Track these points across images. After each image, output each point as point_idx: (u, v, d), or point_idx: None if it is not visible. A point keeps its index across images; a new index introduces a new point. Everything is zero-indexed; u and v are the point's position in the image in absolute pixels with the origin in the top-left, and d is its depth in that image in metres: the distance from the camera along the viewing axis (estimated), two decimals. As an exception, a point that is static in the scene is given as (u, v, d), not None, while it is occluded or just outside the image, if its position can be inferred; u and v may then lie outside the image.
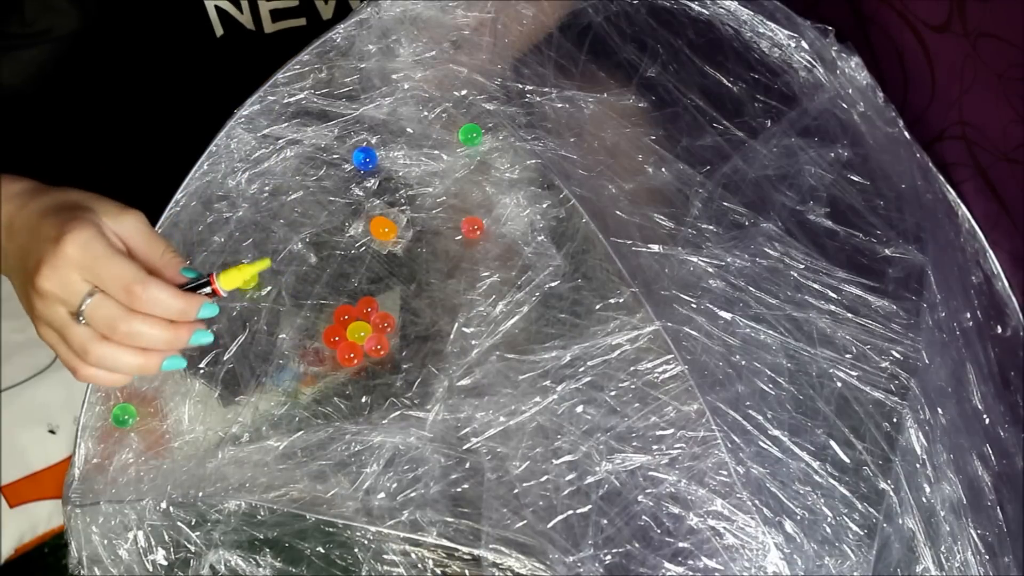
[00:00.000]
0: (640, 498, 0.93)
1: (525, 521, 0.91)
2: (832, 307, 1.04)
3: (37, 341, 1.58)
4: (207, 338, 0.93)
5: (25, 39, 1.16)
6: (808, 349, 1.01)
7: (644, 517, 0.92)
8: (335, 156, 1.07)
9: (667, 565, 0.91)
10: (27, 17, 1.14)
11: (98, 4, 1.17)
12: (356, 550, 0.92)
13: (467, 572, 0.91)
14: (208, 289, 0.92)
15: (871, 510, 0.97)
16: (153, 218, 1.01)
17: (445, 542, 0.91)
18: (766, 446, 0.96)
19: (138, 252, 0.92)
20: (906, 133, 1.22)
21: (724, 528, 0.92)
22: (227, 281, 0.92)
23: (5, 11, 1.13)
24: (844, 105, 1.20)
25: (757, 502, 0.93)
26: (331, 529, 0.92)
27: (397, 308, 1.03)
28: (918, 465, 1.01)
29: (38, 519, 1.56)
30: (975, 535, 1.03)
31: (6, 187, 0.96)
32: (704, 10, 1.21)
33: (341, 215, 1.05)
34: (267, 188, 1.05)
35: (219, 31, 1.26)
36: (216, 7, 1.25)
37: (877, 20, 1.32)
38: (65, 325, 0.91)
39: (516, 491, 0.92)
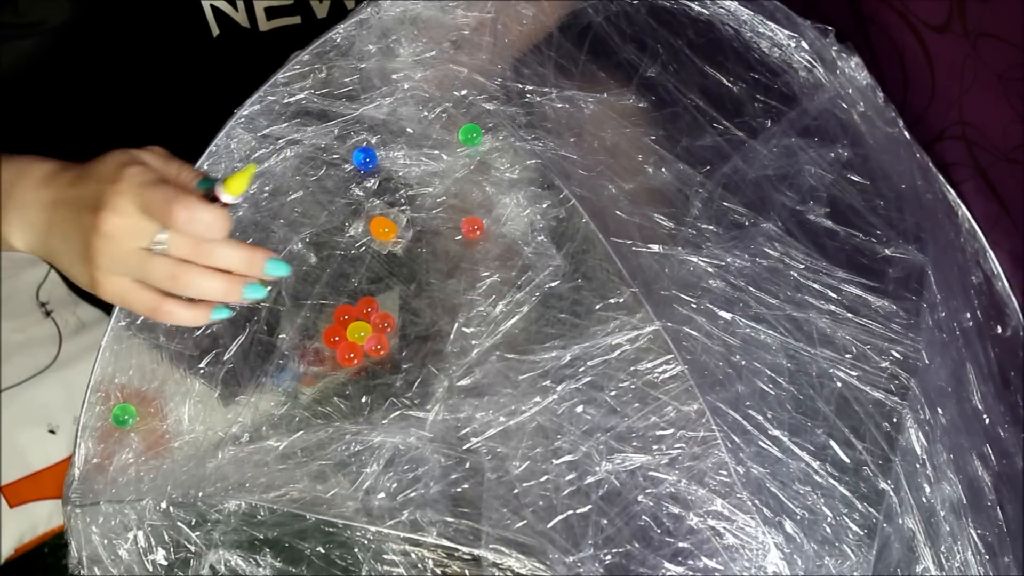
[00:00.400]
0: (640, 498, 0.93)
1: (525, 521, 0.91)
2: (832, 307, 1.04)
3: (37, 341, 1.59)
4: (285, 269, 0.95)
5: (18, 29, 1.16)
6: (808, 349, 1.01)
7: (644, 517, 0.92)
8: (335, 156, 1.07)
9: (667, 565, 0.91)
10: (20, 7, 1.14)
11: (92, 2, 1.17)
12: (356, 550, 0.92)
13: (467, 572, 0.91)
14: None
15: (871, 510, 0.97)
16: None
17: (445, 542, 0.91)
18: (766, 446, 0.96)
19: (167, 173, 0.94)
20: (906, 133, 1.22)
21: (724, 528, 0.92)
22: (230, 188, 0.92)
23: None
24: (844, 105, 1.20)
25: (757, 502, 0.93)
26: (331, 529, 0.92)
27: (397, 308, 1.03)
28: (918, 465, 1.01)
29: (38, 519, 1.56)
30: (975, 535, 1.03)
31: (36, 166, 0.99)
32: (704, 10, 1.21)
33: (341, 215, 1.05)
34: (267, 188, 1.05)
35: (215, 30, 1.26)
36: (212, 6, 1.25)
37: (877, 20, 1.32)
38: (144, 259, 0.91)
39: (516, 491, 0.92)
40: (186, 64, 1.25)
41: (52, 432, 1.56)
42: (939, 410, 1.04)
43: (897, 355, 1.04)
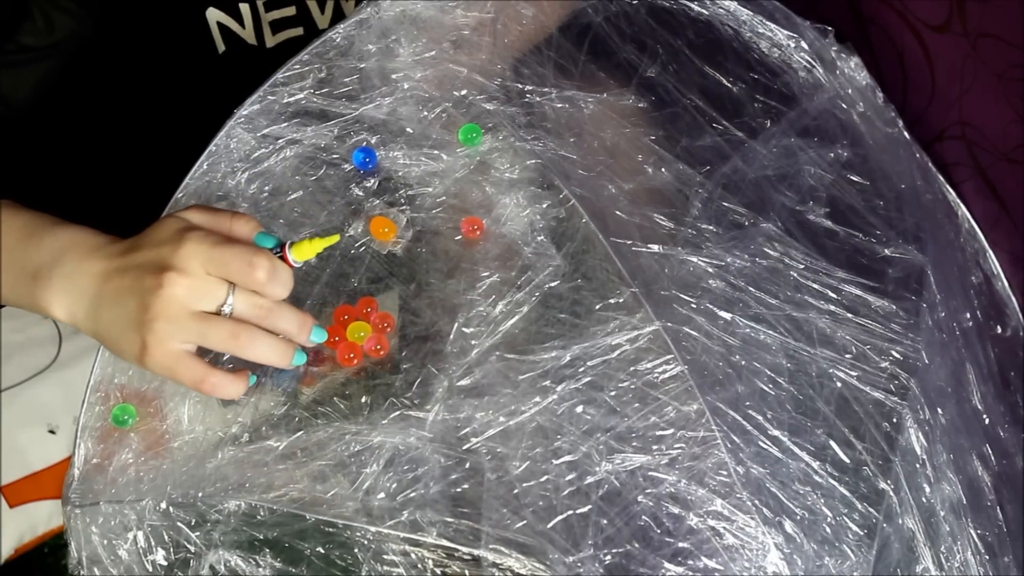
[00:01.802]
0: (640, 498, 0.93)
1: (525, 521, 0.91)
2: (832, 307, 1.04)
3: (37, 341, 1.59)
4: (322, 336, 0.99)
5: (38, 52, 1.16)
6: (808, 349, 1.01)
7: (644, 517, 0.92)
8: (335, 156, 1.07)
9: (667, 565, 0.91)
10: (37, 26, 1.14)
11: (101, 17, 1.17)
12: (356, 550, 0.92)
13: (467, 572, 0.91)
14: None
15: (871, 510, 0.97)
16: (153, 218, 1.01)
17: (445, 542, 0.91)
18: (766, 446, 0.96)
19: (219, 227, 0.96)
20: (906, 133, 1.22)
21: (724, 528, 0.92)
22: (299, 253, 0.95)
23: (17, 19, 1.13)
24: (844, 105, 1.20)
25: (757, 502, 0.93)
26: (331, 529, 0.92)
27: (396, 308, 1.03)
28: (918, 465, 1.01)
29: (38, 519, 1.56)
30: (975, 535, 1.03)
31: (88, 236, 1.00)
32: (704, 10, 1.21)
33: (341, 215, 1.06)
34: (267, 188, 1.05)
35: (221, 47, 1.27)
36: (218, 23, 1.25)
37: (877, 20, 1.32)
38: (204, 320, 0.93)
39: (516, 491, 0.92)
40: (192, 80, 1.25)
41: (52, 432, 1.56)
42: (939, 410, 1.04)
43: (897, 355, 1.04)
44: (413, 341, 1.01)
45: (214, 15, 1.25)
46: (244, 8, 1.26)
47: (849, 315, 1.04)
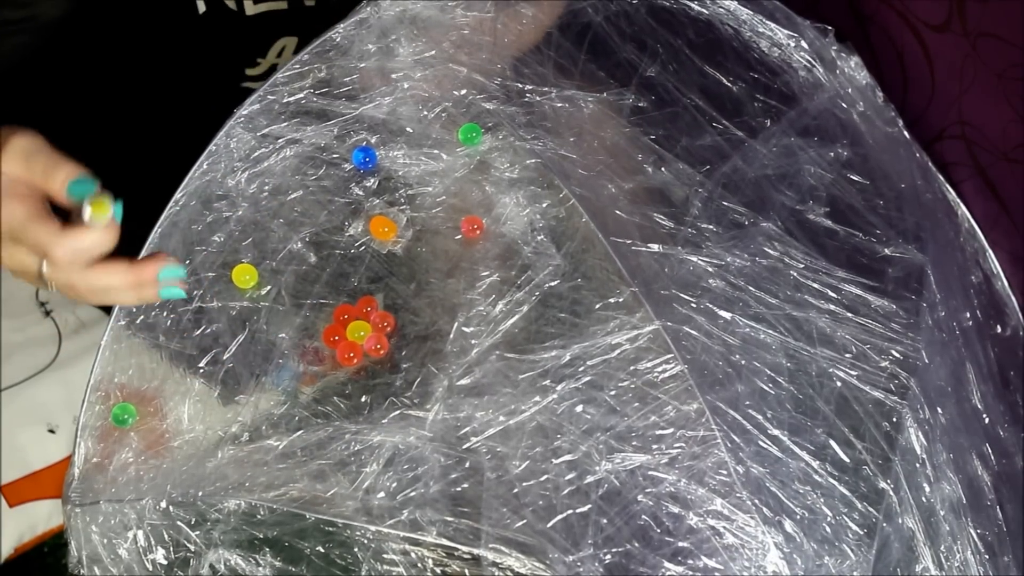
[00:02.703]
0: (640, 497, 0.93)
1: (525, 520, 0.91)
2: (832, 306, 1.04)
3: (37, 341, 1.59)
4: (179, 272, 0.92)
5: (17, 24, 1.16)
6: (808, 348, 1.01)
7: (644, 516, 0.92)
8: (335, 155, 1.07)
9: (667, 564, 0.91)
10: None
11: None
12: (356, 549, 0.92)
13: (467, 571, 0.91)
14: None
15: (871, 509, 0.97)
16: (153, 218, 1.01)
17: (445, 541, 0.91)
18: (766, 445, 0.96)
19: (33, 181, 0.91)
20: (906, 133, 1.22)
21: (724, 527, 0.92)
22: (98, 211, 0.88)
23: None
24: (844, 105, 1.20)
25: (757, 501, 0.93)
26: (331, 528, 0.92)
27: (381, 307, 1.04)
28: (918, 464, 1.01)
29: (38, 519, 1.56)
30: (975, 534, 1.03)
31: None
32: (704, 10, 1.21)
33: (341, 214, 1.06)
34: (267, 187, 1.05)
35: (202, 7, 1.27)
36: None
37: (877, 20, 1.32)
38: (42, 282, 0.92)
39: (516, 490, 0.92)
40: (173, 39, 1.25)
41: (52, 432, 1.56)
42: (939, 410, 1.04)
43: (897, 354, 1.04)
44: (413, 340, 1.01)
45: None
46: None
47: (849, 314, 1.04)
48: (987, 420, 1.11)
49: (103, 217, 0.87)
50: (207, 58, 1.22)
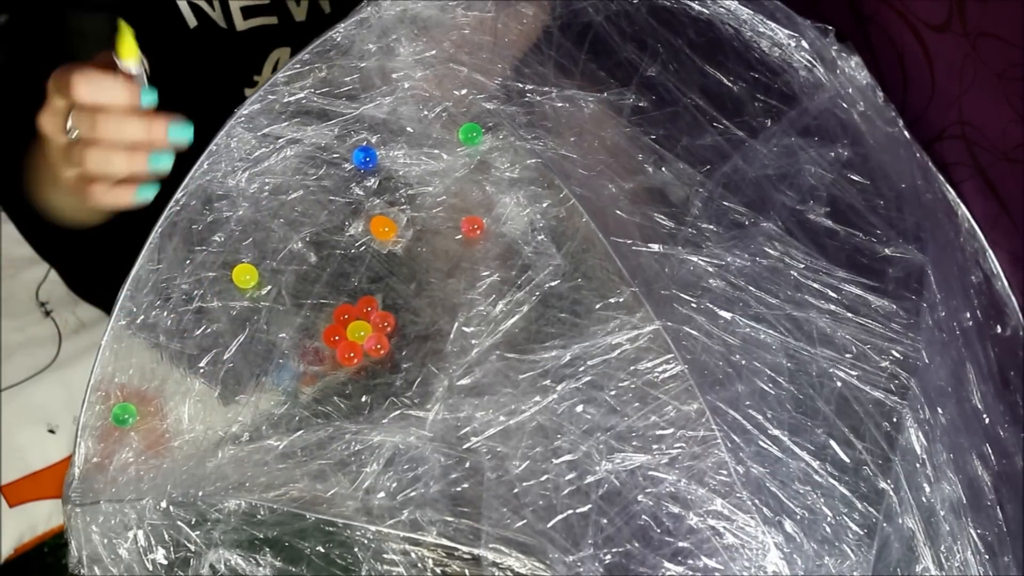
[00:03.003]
0: (640, 497, 0.93)
1: (525, 520, 0.91)
2: (832, 307, 1.04)
3: (37, 341, 1.59)
4: (186, 133, 1.00)
5: None
6: (808, 349, 1.01)
7: (644, 516, 0.92)
8: (335, 155, 1.07)
9: (667, 564, 0.91)
10: None
11: None
12: (356, 549, 0.92)
13: (467, 571, 0.91)
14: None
15: (871, 510, 0.97)
16: (153, 218, 1.01)
17: (445, 541, 0.91)
18: (766, 446, 0.96)
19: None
20: (906, 133, 1.22)
21: (724, 528, 0.92)
22: (124, 51, 0.97)
23: None
24: (844, 104, 1.20)
25: (757, 502, 0.93)
26: (331, 528, 0.92)
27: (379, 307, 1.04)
28: (918, 465, 1.01)
29: (38, 519, 1.56)
30: (975, 535, 1.03)
31: None
32: (704, 9, 1.21)
33: (341, 214, 1.05)
34: (267, 187, 1.05)
35: (192, 22, 1.27)
36: (188, 2, 1.25)
37: (877, 20, 1.32)
38: (68, 150, 0.99)
39: (516, 490, 0.92)
40: (164, 52, 1.25)
41: (52, 432, 1.57)
42: (939, 410, 1.04)
43: (897, 355, 1.04)
44: (413, 340, 1.01)
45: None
46: None
47: (849, 315, 1.04)
48: (987, 420, 1.11)
49: (132, 58, 0.97)
50: (202, 74, 1.22)
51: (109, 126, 0.97)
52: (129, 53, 0.97)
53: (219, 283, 1.02)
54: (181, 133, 0.99)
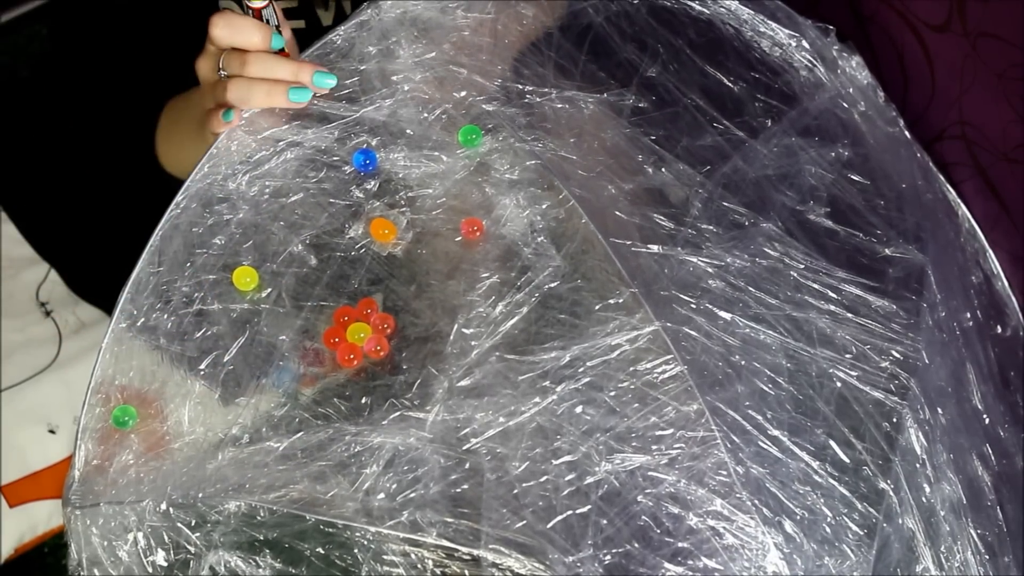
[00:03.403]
0: (640, 498, 0.93)
1: (525, 521, 0.91)
2: (832, 307, 1.04)
3: (37, 341, 1.59)
4: (330, 81, 1.07)
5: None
6: (808, 349, 1.01)
7: (644, 517, 0.92)
8: (335, 158, 1.07)
9: (667, 565, 0.91)
10: None
11: None
12: (356, 551, 0.92)
13: (467, 572, 0.91)
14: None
15: (871, 510, 0.97)
16: (153, 220, 1.01)
17: (445, 542, 0.91)
18: (766, 446, 0.96)
19: None
20: (906, 133, 1.22)
21: (724, 528, 0.93)
22: None
23: None
24: (845, 104, 1.20)
25: (757, 502, 0.93)
26: (331, 530, 0.92)
27: (379, 309, 1.04)
28: (918, 465, 1.01)
29: (38, 519, 1.56)
30: (975, 535, 1.03)
31: None
32: (705, 9, 1.21)
33: (341, 217, 1.06)
34: (267, 190, 1.05)
35: None
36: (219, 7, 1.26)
37: (877, 20, 1.32)
38: (214, 85, 1.08)
39: (516, 491, 0.93)
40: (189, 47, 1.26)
41: (52, 432, 1.57)
42: (939, 410, 1.04)
43: (897, 355, 1.04)
44: (413, 342, 1.01)
45: (226, 3, 1.27)
46: None
47: (849, 315, 1.04)
48: (987, 420, 1.11)
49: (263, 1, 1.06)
50: None
51: (257, 65, 1.04)
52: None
53: (219, 286, 1.02)
54: (325, 79, 1.06)
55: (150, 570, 0.94)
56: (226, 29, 1.05)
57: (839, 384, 1.01)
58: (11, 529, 1.54)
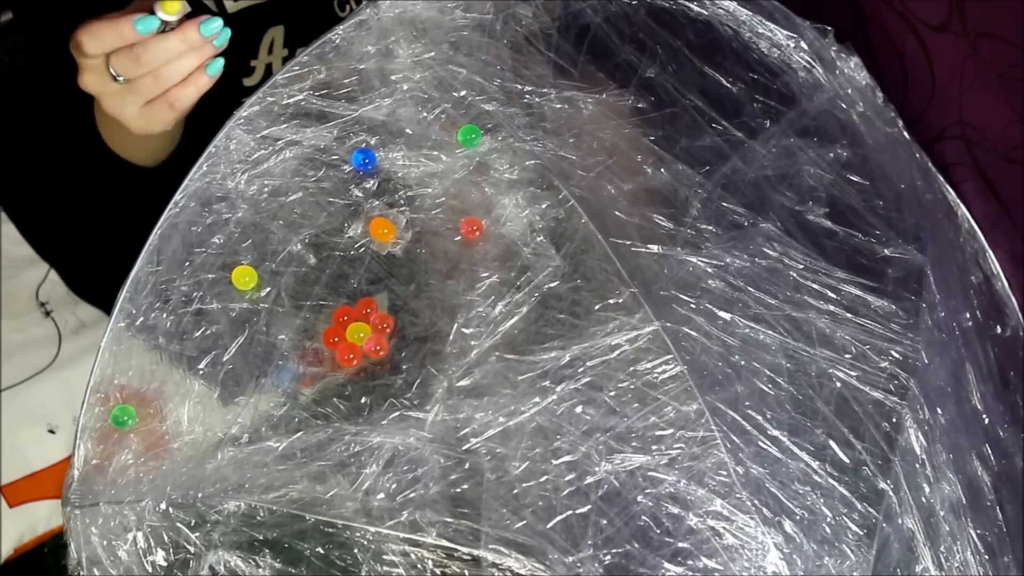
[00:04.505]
0: (639, 498, 0.93)
1: (524, 521, 0.91)
2: (831, 307, 1.04)
3: (37, 341, 1.59)
4: (216, 26, 1.00)
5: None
6: (807, 349, 1.01)
7: (643, 517, 0.92)
8: (334, 157, 1.07)
9: (667, 565, 0.91)
10: None
11: None
12: (356, 551, 0.92)
13: (467, 572, 0.91)
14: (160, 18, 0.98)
15: (870, 510, 0.97)
16: (152, 220, 1.01)
17: (445, 542, 0.91)
18: (765, 446, 0.96)
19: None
20: (905, 133, 1.22)
21: (724, 528, 0.93)
22: (166, 9, 0.97)
23: None
24: (843, 105, 1.20)
25: (756, 502, 0.93)
26: (330, 530, 0.92)
27: (386, 309, 1.04)
28: (917, 465, 1.01)
29: (38, 519, 1.56)
30: (974, 535, 1.03)
31: None
32: (703, 10, 1.21)
33: (340, 216, 1.05)
34: (266, 189, 1.05)
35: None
36: None
37: (877, 20, 1.32)
38: (119, 92, 1.02)
39: (515, 491, 0.92)
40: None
41: (52, 432, 1.56)
42: (938, 410, 1.04)
43: (896, 355, 1.04)
44: (413, 342, 1.01)
45: None
46: None
47: (848, 315, 1.04)
48: (987, 421, 1.11)
49: (173, 13, 0.97)
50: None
51: (149, 54, 0.98)
52: (171, 9, 0.98)
53: (218, 285, 1.02)
54: (212, 27, 0.99)
55: (150, 570, 0.94)
56: (93, 38, 0.98)
57: (839, 384, 1.01)
58: (11, 529, 1.54)
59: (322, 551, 0.93)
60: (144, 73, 0.99)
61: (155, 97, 1.02)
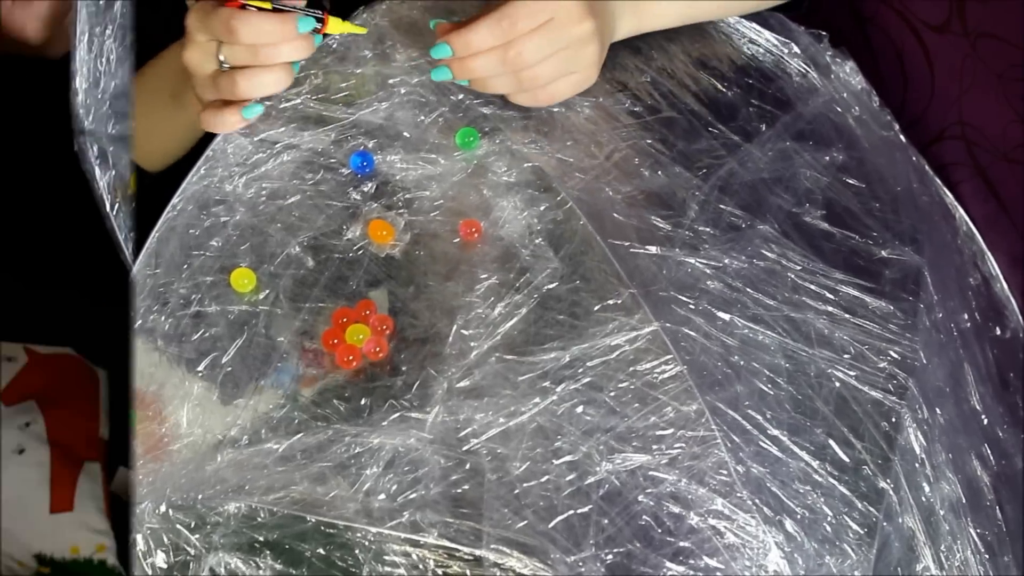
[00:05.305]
0: (640, 498, 0.93)
1: (526, 521, 0.91)
2: (829, 308, 1.04)
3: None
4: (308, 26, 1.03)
5: None
6: (806, 349, 1.02)
7: (645, 517, 0.92)
8: (332, 160, 1.07)
9: (668, 564, 0.91)
10: None
11: None
12: (357, 551, 0.92)
13: (468, 572, 0.91)
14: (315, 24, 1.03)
15: (871, 509, 0.97)
16: (151, 222, 1.01)
17: (446, 543, 0.91)
18: (766, 446, 0.96)
19: None
20: (902, 137, 1.22)
21: (725, 527, 0.92)
22: (330, 27, 1.04)
23: None
24: (839, 109, 1.21)
25: (757, 501, 0.93)
26: (331, 531, 0.92)
27: (386, 307, 1.03)
28: (917, 464, 1.01)
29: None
30: (974, 534, 1.03)
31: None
32: (699, 16, 1.21)
33: (339, 219, 1.06)
34: (264, 192, 1.06)
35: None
36: None
37: (877, 20, 1.33)
38: (214, 77, 1.04)
39: (517, 491, 0.92)
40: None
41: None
42: (937, 410, 1.04)
43: (895, 355, 1.04)
44: (412, 343, 1.01)
45: None
46: None
47: (847, 316, 1.05)
48: (986, 421, 1.11)
49: (332, 31, 1.05)
50: None
51: (269, 54, 1.02)
52: (333, 30, 1.05)
53: (217, 287, 1.02)
54: (305, 24, 1.02)
55: (150, 572, 0.94)
56: (249, 30, 1.01)
57: (838, 384, 1.01)
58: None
59: (323, 552, 0.93)
60: (245, 66, 1.03)
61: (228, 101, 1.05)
